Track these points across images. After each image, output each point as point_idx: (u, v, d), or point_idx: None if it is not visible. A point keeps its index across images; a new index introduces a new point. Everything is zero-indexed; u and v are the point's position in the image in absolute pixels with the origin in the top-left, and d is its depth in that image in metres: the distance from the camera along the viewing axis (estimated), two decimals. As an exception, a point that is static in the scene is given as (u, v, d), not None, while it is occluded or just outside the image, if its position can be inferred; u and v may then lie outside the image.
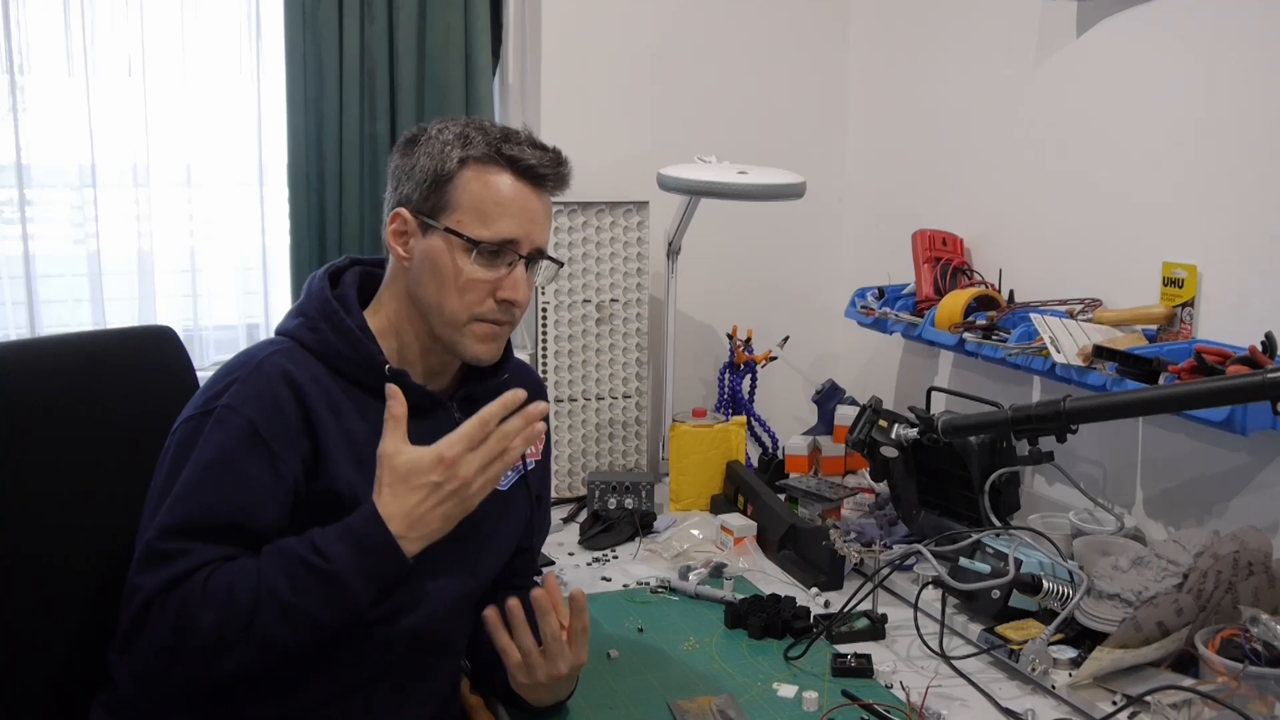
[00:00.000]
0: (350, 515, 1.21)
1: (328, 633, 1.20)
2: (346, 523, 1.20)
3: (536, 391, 1.56)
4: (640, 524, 2.14)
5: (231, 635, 1.15)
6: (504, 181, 1.31)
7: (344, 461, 1.27)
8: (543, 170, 1.32)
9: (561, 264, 1.68)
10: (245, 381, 1.25)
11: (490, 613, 1.31)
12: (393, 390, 1.23)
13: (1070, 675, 1.47)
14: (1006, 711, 1.45)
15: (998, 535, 1.71)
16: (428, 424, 1.35)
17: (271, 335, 1.37)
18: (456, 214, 1.30)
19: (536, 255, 1.36)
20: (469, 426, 1.21)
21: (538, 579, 1.74)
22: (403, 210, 1.33)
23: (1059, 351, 1.76)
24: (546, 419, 1.57)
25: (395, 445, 1.21)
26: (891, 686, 1.53)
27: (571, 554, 2.06)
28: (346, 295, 1.35)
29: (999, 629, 1.60)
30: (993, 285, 2.17)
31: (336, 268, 1.39)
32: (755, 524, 2.06)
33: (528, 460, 1.48)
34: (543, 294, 2.36)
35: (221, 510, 1.20)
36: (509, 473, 1.46)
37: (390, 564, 1.19)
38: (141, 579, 1.17)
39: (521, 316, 1.38)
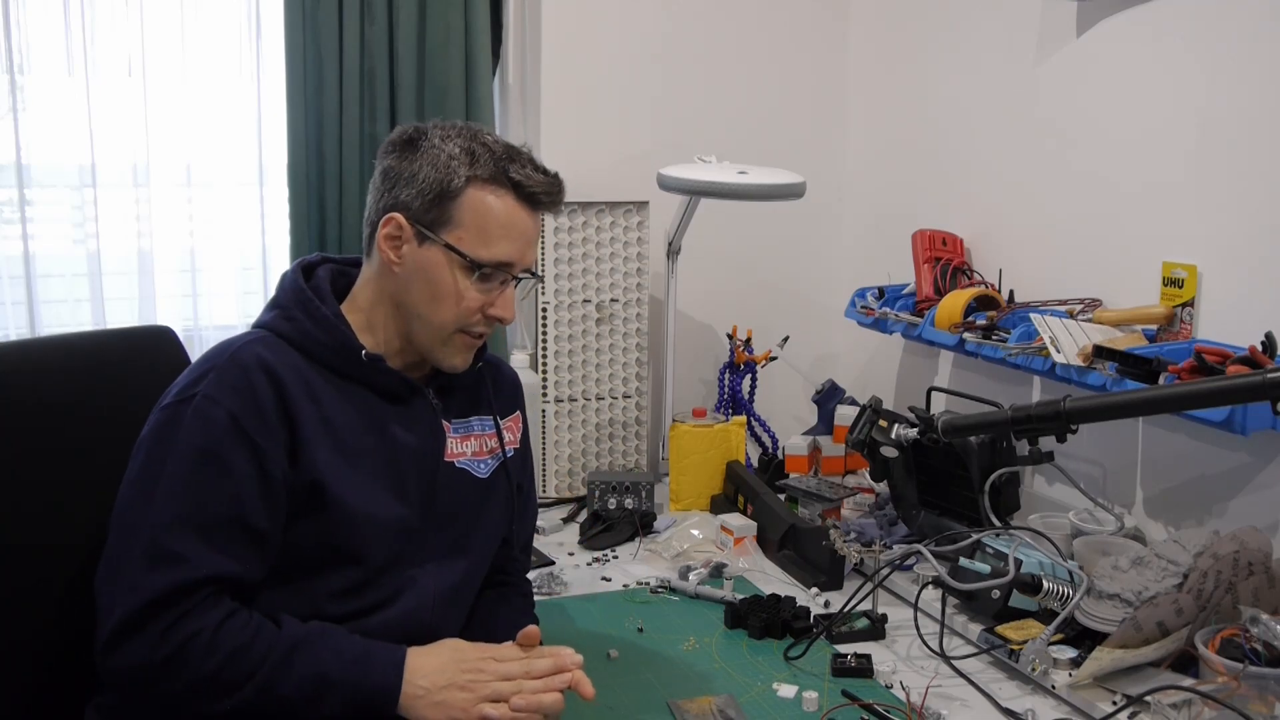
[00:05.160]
0: (382, 649, 1.25)
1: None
2: (370, 648, 1.24)
3: (511, 383, 1.56)
4: (640, 524, 2.14)
5: (214, 691, 1.18)
6: (507, 204, 1.33)
7: (324, 448, 1.27)
8: (544, 197, 1.36)
9: (541, 279, 1.65)
10: (222, 371, 1.25)
11: None
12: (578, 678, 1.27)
13: (1070, 675, 1.47)
14: (1006, 711, 1.45)
15: (998, 535, 1.71)
16: (406, 410, 1.37)
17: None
18: (458, 230, 1.32)
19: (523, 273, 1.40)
20: (519, 666, 1.26)
21: (531, 576, 1.74)
22: (399, 216, 1.32)
23: (1059, 351, 1.76)
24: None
25: (488, 646, 1.29)
26: (891, 686, 1.53)
27: (571, 554, 2.06)
28: (320, 287, 1.37)
29: (999, 629, 1.60)
30: (993, 285, 2.17)
31: (308, 263, 1.41)
32: (755, 524, 2.06)
33: (506, 448, 1.48)
34: (543, 294, 2.36)
35: (213, 503, 1.21)
36: (489, 460, 1.46)
37: (383, 702, 1.22)
38: (142, 578, 1.17)
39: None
